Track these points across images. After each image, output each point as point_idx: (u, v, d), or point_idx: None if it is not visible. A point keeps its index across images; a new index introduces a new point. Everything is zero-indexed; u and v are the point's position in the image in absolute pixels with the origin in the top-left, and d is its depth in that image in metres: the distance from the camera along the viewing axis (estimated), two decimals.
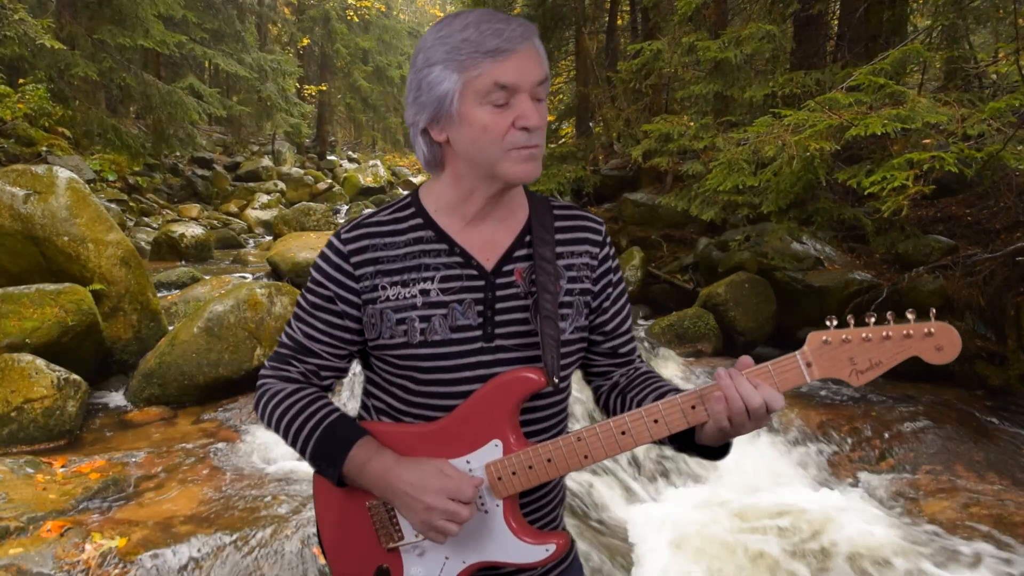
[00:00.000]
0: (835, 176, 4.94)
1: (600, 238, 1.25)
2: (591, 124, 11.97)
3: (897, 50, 4.72)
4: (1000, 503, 3.62)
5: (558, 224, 1.23)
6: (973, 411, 4.63)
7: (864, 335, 1.02)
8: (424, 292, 1.15)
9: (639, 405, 1.18)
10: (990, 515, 3.51)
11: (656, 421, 1.07)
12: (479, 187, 1.15)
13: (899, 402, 4.71)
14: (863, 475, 4.06)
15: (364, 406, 1.30)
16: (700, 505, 3.73)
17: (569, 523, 3.17)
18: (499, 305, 1.16)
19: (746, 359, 1.06)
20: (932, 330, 1.00)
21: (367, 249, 1.16)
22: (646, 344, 5.87)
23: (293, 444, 1.19)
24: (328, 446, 1.15)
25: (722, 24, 8.05)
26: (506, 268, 1.17)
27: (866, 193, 4.33)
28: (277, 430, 1.21)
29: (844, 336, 1.02)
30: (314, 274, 1.20)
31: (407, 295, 1.15)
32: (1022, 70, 5.13)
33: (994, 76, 7.70)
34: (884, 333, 1.01)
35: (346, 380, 4.73)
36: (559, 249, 1.21)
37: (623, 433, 1.08)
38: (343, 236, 1.17)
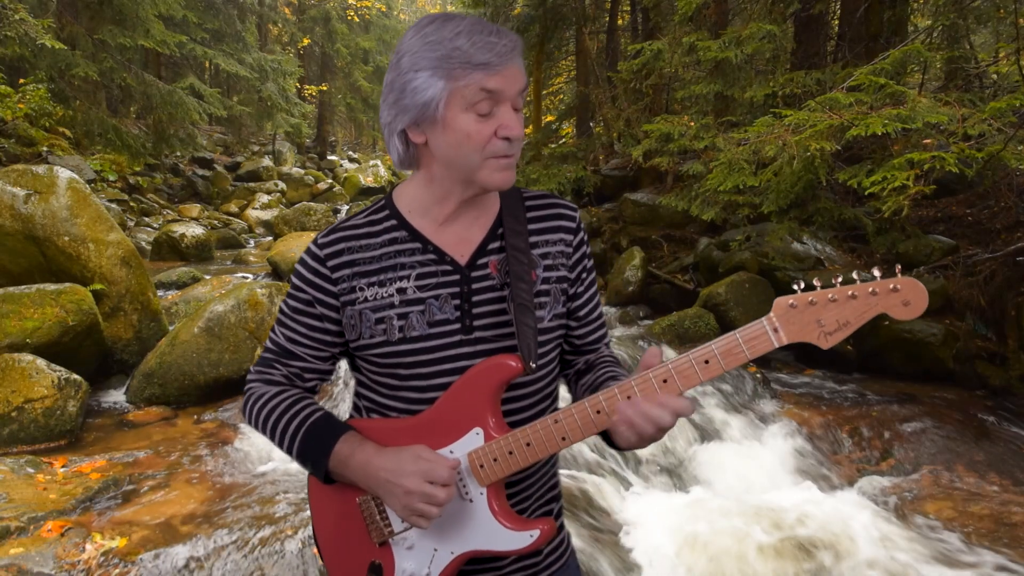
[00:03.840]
0: (836, 176, 4.94)
1: (574, 224, 1.27)
2: (591, 124, 11.97)
3: (898, 50, 4.71)
4: (1001, 503, 3.62)
5: (531, 214, 1.25)
6: (974, 411, 4.62)
7: (830, 296, 1.00)
8: (401, 291, 1.17)
9: (586, 390, 1.22)
10: (991, 515, 3.51)
11: (629, 398, 1.07)
12: (454, 190, 1.16)
13: (899, 402, 4.71)
14: (863, 475, 4.06)
15: (355, 406, 1.33)
16: (700, 505, 3.72)
17: (569, 523, 3.17)
18: (475, 298, 1.18)
19: (652, 353, 1.07)
20: (898, 286, 0.98)
21: (343, 252, 1.18)
22: (647, 344, 5.86)
23: (280, 444, 1.22)
24: (313, 443, 1.18)
25: (723, 24, 8.05)
26: (480, 261, 1.19)
27: (867, 193, 4.33)
28: (264, 431, 1.24)
29: (810, 299, 1.01)
30: (294, 280, 1.23)
31: (384, 295, 1.17)
32: (1023, 70, 5.13)
33: (995, 76, 7.70)
34: (850, 292, 1.00)
35: (342, 380, 4.74)
36: (533, 239, 1.23)
37: (598, 412, 1.09)
38: (319, 241, 1.20)
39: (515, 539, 1.14)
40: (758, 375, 5.22)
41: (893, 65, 4.64)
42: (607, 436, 1.15)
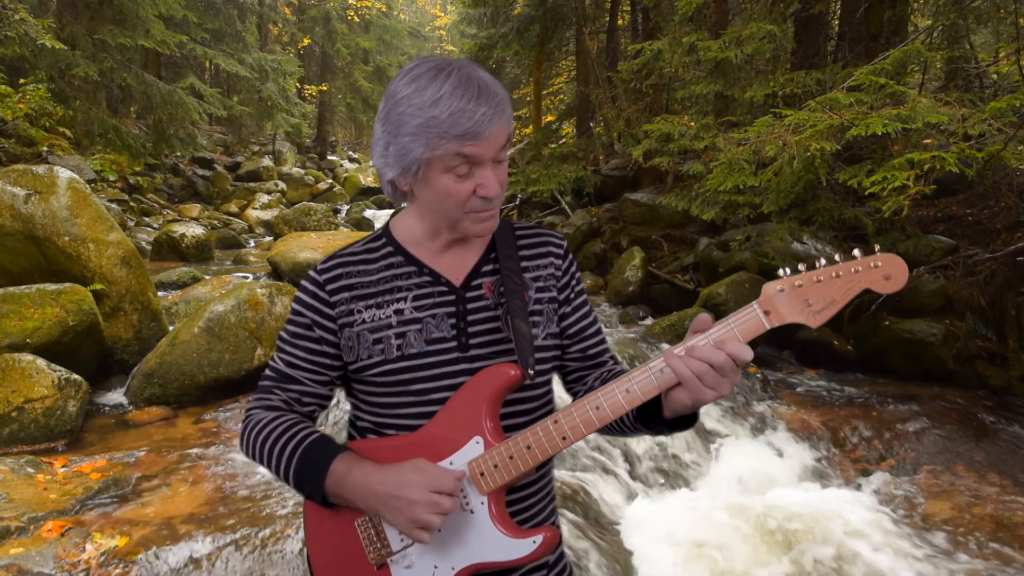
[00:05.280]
0: (836, 176, 4.93)
1: (562, 252, 1.32)
2: (592, 124, 11.98)
3: (898, 50, 4.71)
4: (1001, 503, 3.62)
5: (521, 242, 1.30)
6: (974, 411, 4.62)
7: (816, 277, 1.04)
8: (398, 311, 1.21)
9: None
10: (991, 515, 3.51)
11: (628, 391, 1.07)
12: (442, 232, 1.22)
13: (899, 402, 4.71)
14: (864, 475, 4.06)
15: (350, 436, 1.32)
16: (699, 505, 3.72)
17: (569, 524, 3.17)
18: (471, 317, 1.22)
19: (703, 317, 1.08)
20: (879, 263, 1.02)
21: (341, 277, 1.23)
22: (647, 345, 5.86)
23: (276, 469, 1.20)
24: (308, 464, 1.17)
25: (723, 24, 8.05)
26: (474, 283, 1.24)
27: (867, 193, 4.33)
28: (261, 458, 1.22)
29: (797, 282, 1.05)
30: (294, 306, 1.26)
31: (382, 316, 1.21)
32: (1023, 70, 5.13)
33: (995, 76, 7.70)
34: (834, 272, 1.04)
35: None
36: (524, 264, 1.28)
37: (597, 408, 1.09)
38: (319, 268, 1.25)
39: (518, 547, 1.12)
40: (759, 375, 5.23)
41: (893, 65, 4.64)
42: (654, 423, 1.14)
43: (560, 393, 1.37)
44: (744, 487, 3.96)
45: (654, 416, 1.14)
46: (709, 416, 4.61)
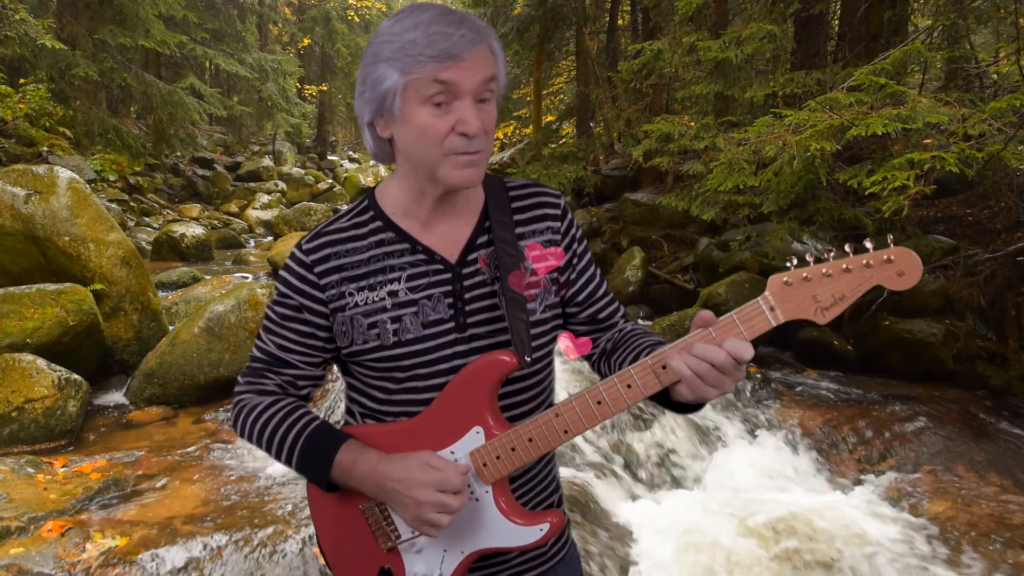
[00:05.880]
0: (836, 176, 4.93)
1: (559, 211, 1.24)
2: (592, 124, 11.97)
3: (898, 50, 4.71)
4: (1001, 503, 3.62)
5: (515, 204, 1.22)
6: (974, 411, 4.62)
7: (825, 271, 0.98)
8: (392, 293, 1.15)
9: (621, 368, 1.15)
10: (991, 515, 3.51)
11: (629, 387, 1.05)
12: (426, 188, 1.14)
13: (899, 402, 4.70)
14: (864, 475, 4.06)
15: (348, 411, 1.30)
16: (700, 505, 3.72)
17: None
18: (468, 295, 1.16)
19: (706, 313, 1.04)
20: (892, 256, 0.96)
21: (330, 257, 1.16)
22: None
23: (278, 457, 1.19)
24: (312, 454, 1.15)
25: (723, 24, 8.05)
26: (470, 257, 1.17)
27: (867, 193, 4.33)
28: (260, 444, 1.20)
29: (805, 275, 0.99)
30: (280, 286, 1.20)
31: (375, 299, 1.15)
32: (1023, 70, 5.13)
33: (995, 76, 7.70)
34: (844, 266, 0.98)
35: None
36: (519, 230, 1.20)
37: (599, 403, 1.07)
38: (304, 246, 1.17)
39: (525, 534, 1.13)
40: (759, 375, 5.22)
41: (893, 65, 4.64)
42: (667, 402, 1.11)
43: (559, 378, 1.35)
44: (744, 487, 3.96)
45: (660, 397, 1.11)
46: (710, 416, 4.61)
